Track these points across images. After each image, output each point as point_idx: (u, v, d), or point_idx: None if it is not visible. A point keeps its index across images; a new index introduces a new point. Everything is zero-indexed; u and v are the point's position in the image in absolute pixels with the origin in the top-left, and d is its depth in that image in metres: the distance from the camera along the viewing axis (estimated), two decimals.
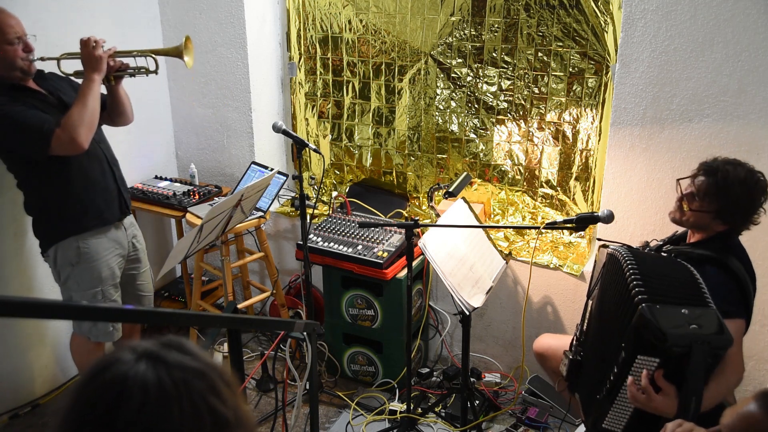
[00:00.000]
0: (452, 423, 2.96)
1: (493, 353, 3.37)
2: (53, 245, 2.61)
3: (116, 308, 1.86)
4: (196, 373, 0.83)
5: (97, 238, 2.64)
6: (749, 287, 2.06)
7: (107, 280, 2.68)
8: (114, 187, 2.69)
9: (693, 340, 1.66)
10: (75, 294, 2.65)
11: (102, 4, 3.24)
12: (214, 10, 3.46)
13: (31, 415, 3.12)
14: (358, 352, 3.30)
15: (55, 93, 2.55)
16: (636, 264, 1.91)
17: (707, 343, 1.67)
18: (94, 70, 2.44)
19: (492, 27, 3.11)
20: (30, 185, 2.57)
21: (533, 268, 2.94)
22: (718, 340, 1.68)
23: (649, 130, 2.71)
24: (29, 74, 2.46)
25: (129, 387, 0.79)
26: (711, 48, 2.51)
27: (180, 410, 0.79)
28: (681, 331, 1.68)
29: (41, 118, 2.36)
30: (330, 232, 3.22)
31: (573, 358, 2.22)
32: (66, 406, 0.82)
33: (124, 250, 2.76)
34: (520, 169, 3.28)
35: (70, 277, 2.64)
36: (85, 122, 2.38)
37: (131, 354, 0.83)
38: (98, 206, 2.62)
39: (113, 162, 2.72)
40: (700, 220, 2.09)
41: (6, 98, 2.36)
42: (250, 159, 3.55)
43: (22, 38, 2.39)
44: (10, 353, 3.05)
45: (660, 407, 1.77)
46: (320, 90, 3.67)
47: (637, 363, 1.79)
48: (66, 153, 2.41)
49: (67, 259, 2.60)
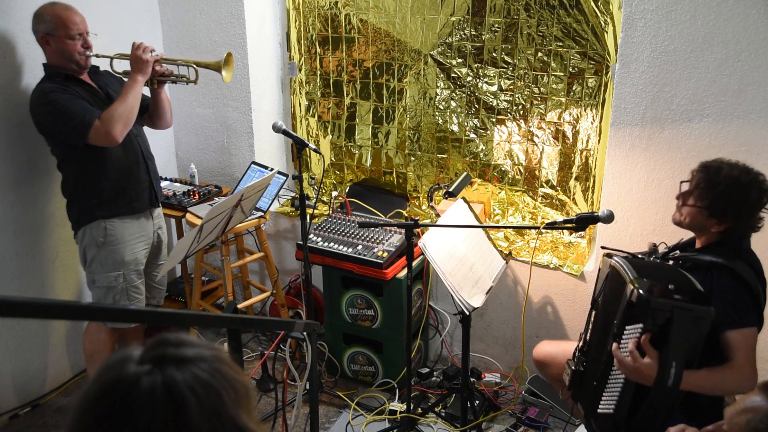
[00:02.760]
0: (452, 423, 2.96)
1: (493, 353, 3.37)
2: (83, 227, 2.75)
3: (116, 308, 1.86)
4: (206, 374, 0.82)
5: (124, 223, 2.77)
6: (761, 294, 2.00)
7: (130, 264, 2.80)
8: (146, 179, 2.84)
9: (675, 305, 1.77)
10: (98, 276, 2.78)
11: (102, 4, 3.24)
12: (214, 10, 3.47)
13: (31, 415, 3.12)
14: (358, 352, 3.30)
15: (105, 88, 2.75)
16: (637, 274, 1.93)
17: (688, 310, 1.76)
18: (139, 71, 2.64)
19: (492, 27, 3.11)
20: (68, 168, 2.72)
21: (533, 268, 2.94)
22: (700, 310, 1.77)
23: (649, 130, 2.71)
24: (84, 68, 2.68)
25: (136, 393, 0.78)
26: (711, 48, 2.51)
27: (187, 414, 0.78)
28: (663, 299, 1.80)
29: (85, 108, 2.56)
30: (330, 232, 3.22)
31: (576, 368, 2.20)
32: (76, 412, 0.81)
33: (149, 239, 2.89)
34: (520, 169, 3.28)
35: (95, 258, 2.76)
36: (122, 118, 2.56)
37: (137, 358, 0.82)
38: (129, 195, 2.78)
39: (148, 156, 2.87)
40: (694, 218, 2.07)
41: (57, 86, 2.58)
42: (250, 159, 3.55)
43: (83, 35, 2.63)
44: (10, 353, 3.05)
45: (645, 371, 1.82)
46: (320, 90, 3.67)
47: (625, 334, 1.90)
48: (102, 144, 2.58)
49: (94, 240, 2.73)
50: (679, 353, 1.78)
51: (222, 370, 0.84)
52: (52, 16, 2.56)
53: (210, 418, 0.80)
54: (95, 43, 2.69)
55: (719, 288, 1.95)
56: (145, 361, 0.81)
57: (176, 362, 0.81)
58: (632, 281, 1.88)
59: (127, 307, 1.26)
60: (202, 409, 0.79)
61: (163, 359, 0.81)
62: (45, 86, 2.59)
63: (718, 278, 1.97)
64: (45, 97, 2.55)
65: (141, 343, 0.86)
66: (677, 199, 2.15)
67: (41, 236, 3.07)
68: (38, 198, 3.01)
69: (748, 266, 2.01)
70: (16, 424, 3.06)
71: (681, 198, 2.12)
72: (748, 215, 2.02)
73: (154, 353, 0.82)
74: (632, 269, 1.94)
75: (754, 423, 1.22)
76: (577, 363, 2.22)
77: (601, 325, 2.15)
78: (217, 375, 0.83)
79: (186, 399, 0.78)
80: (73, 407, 0.81)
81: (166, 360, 0.81)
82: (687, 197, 2.09)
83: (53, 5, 2.59)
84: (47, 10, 2.57)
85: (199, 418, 0.79)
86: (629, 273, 1.93)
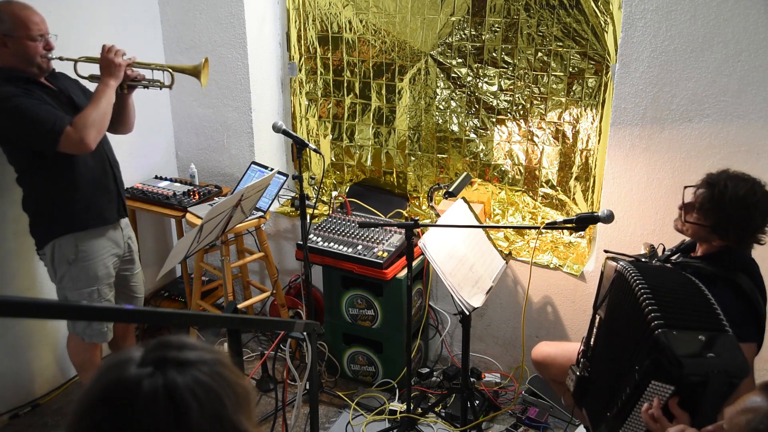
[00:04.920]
0: (452, 423, 2.96)
1: (493, 353, 3.37)
2: (51, 242, 2.61)
3: (116, 308, 1.86)
4: (206, 376, 0.82)
5: (95, 237, 2.65)
6: (761, 307, 1.99)
7: (103, 279, 2.69)
8: (114, 188, 2.71)
9: (710, 369, 1.59)
10: (70, 293, 2.66)
11: (102, 4, 3.24)
12: (214, 10, 3.46)
13: (31, 415, 3.12)
14: (358, 352, 3.30)
15: (66, 92, 2.59)
16: (646, 284, 1.83)
17: (725, 373, 1.59)
18: (111, 75, 2.50)
19: (492, 27, 3.11)
20: (32, 181, 2.57)
21: (533, 268, 2.94)
22: (735, 369, 1.60)
23: (649, 130, 2.70)
24: (45, 71, 2.51)
25: (137, 396, 0.77)
26: (711, 48, 2.51)
27: (188, 418, 0.78)
28: (698, 360, 1.60)
29: (54, 114, 2.40)
30: (330, 232, 3.22)
31: (580, 374, 2.16)
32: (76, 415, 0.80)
33: (120, 250, 2.78)
34: (520, 169, 3.28)
35: (66, 275, 2.64)
36: (96, 124, 2.42)
37: (137, 360, 0.81)
38: (100, 205, 2.65)
39: (114, 164, 2.75)
40: (697, 232, 2.06)
41: (20, 90, 2.39)
42: (250, 159, 3.55)
43: (44, 36, 2.45)
44: (10, 353, 3.05)
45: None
46: (320, 90, 3.67)
47: (650, 388, 1.72)
48: (73, 152, 2.45)
49: (65, 257, 2.60)
50: (714, 416, 1.56)
51: (223, 374, 0.84)
52: (9, 15, 2.36)
53: (211, 423, 0.79)
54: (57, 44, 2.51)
55: (722, 303, 1.87)
56: (146, 363, 0.80)
57: (177, 365, 0.80)
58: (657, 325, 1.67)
59: (127, 307, 1.25)
60: (204, 414, 0.78)
61: (165, 362, 0.80)
62: (5, 90, 2.36)
63: (721, 292, 1.92)
64: (8, 101, 2.34)
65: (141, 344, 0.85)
66: (680, 209, 2.12)
67: None
68: None
69: (748, 277, 1.99)
70: (16, 424, 3.06)
71: (684, 209, 2.09)
72: (752, 235, 2.00)
73: (155, 355, 0.82)
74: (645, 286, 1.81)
75: (754, 423, 1.21)
76: (582, 369, 2.17)
77: (608, 335, 2.07)
78: (219, 378, 0.83)
79: (188, 403, 0.78)
80: (73, 409, 0.80)
81: (168, 363, 0.80)
82: (690, 211, 2.07)
83: (9, 4, 2.38)
84: (4, 8, 2.37)
85: (200, 423, 0.78)
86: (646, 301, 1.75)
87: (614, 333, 2.03)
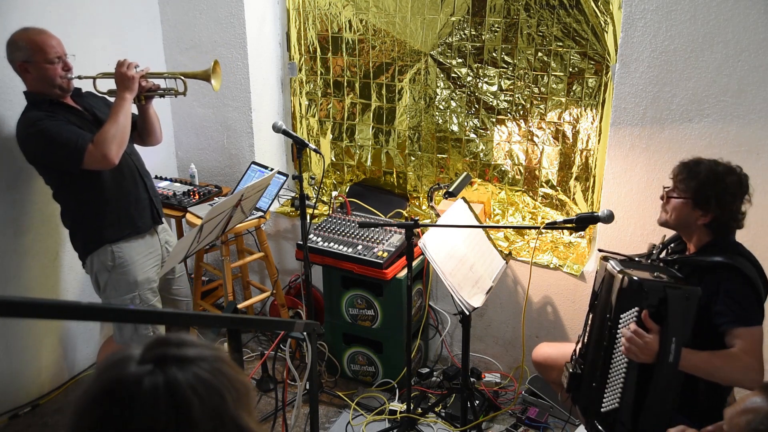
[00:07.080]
0: (452, 423, 2.96)
1: (493, 353, 3.37)
2: (90, 255, 2.68)
3: (117, 308, 1.86)
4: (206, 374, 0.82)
5: (131, 244, 2.71)
6: (761, 289, 2.03)
7: (143, 285, 2.73)
8: (146, 197, 2.77)
9: (665, 285, 1.94)
10: (114, 301, 2.73)
11: (102, 4, 3.24)
12: (214, 10, 3.46)
13: (31, 415, 3.12)
14: (358, 352, 3.30)
15: (90, 110, 2.66)
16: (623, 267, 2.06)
17: (680, 289, 1.93)
18: (126, 89, 2.56)
19: (492, 27, 3.11)
20: (65, 197, 2.66)
21: (533, 268, 2.94)
22: (689, 290, 1.93)
23: (649, 130, 2.70)
24: (67, 91, 2.58)
25: (138, 394, 0.77)
26: (711, 48, 2.50)
27: (189, 415, 0.78)
28: (654, 282, 1.97)
29: (76, 133, 2.47)
30: (330, 232, 3.22)
31: (573, 371, 2.22)
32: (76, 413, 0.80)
33: (158, 255, 2.83)
34: (520, 169, 3.28)
35: (108, 283, 2.70)
36: (116, 139, 2.48)
37: (137, 357, 0.81)
38: (131, 216, 2.71)
39: (145, 173, 2.80)
40: (680, 212, 2.10)
41: (44, 114, 2.48)
42: (250, 159, 3.55)
43: (62, 58, 2.52)
44: (10, 353, 3.05)
45: (653, 345, 1.91)
46: (320, 90, 3.67)
47: (620, 322, 2.00)
48: (98, 167, 2.51)
49: (103, 265, 2.67)
50: (677, 329, 1.90)
51: (223, 370, 0.84)
52: (27, 42, 2.46)
53: (212, 419, 0.79)
54: (74, 63, 2.58)
55: (726, 288, 1.98)
56: (146, 360, 0.81)
57: (178, 362, 0.81)
58: (620, 272, 2.03)
59: (127, 307, 1.25)
60: (204, 410, 0.79)
61: (165, 359, 0.81)
62: (31, 115, 2.48)
63: (725, 278, 1.99)
64: (33, 126, 2.45)
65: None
66: (661, 199, 2.19)
67: (41, 236, 3.07)
68: (38, 198, 3.01)
69: (747, 260, 2.04)
70: (16, 424, 3.06)
71: (665, 196, 2.17)
72: (731, 201, 2.05)
73: (155, 353, 0.82)
74: (620, 265, 2.08)
75: (754, 424, 1.21)
76: (574, 365, 2.24)
77: (597, 326, 2.17)
78: (219, 374, 0.83)
79: (188, 399, 0.78)
80: (73, 407, 0.80)
81: (168, 360, 0.81)
82: (670, 193, 2.14)
83: (26, 31, 2.48)
84: (21, 37, 2.47)
85: (201, 419, 0.78)
86: (616, 267, 2.07)
87: (602, 323, 2.11)
